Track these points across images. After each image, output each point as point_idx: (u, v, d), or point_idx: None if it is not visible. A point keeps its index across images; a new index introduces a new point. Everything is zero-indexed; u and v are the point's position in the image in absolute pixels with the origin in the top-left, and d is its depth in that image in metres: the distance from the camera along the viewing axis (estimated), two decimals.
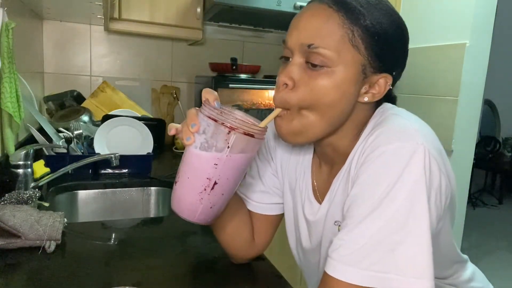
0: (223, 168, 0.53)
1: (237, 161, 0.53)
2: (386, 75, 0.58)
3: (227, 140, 0.51)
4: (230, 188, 0.56)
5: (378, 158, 0.52)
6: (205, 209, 0.55)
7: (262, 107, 1.91)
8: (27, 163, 1.03)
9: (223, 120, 0.51)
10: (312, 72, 0.56)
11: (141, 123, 1.47)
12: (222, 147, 0.51)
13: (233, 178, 0.55)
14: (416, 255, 0.49)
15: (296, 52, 0.57)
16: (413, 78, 1.86)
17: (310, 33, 0.55)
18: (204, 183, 0.53)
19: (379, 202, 0.50)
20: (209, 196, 0.54)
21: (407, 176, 0.50)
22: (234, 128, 0.51)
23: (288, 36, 0.58)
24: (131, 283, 0.67)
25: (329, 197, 0.65)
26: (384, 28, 0.56)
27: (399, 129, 0.54)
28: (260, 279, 0.74)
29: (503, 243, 3.33)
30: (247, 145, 0.53)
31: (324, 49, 0.54)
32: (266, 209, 0.76)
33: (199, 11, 1.69)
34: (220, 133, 0.51)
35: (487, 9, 1.68)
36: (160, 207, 1.35)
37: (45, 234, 0.77)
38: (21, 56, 1.36)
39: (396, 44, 0.59)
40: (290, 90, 0.57)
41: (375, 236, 0.50)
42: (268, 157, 0.77)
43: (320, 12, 0.56)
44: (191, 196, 0.54)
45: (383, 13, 0.56)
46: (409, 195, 0.49)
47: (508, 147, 4.44)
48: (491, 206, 4.33)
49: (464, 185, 1.80)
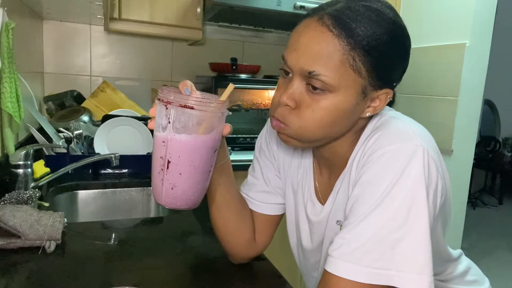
0: (171, 144, 0.53)
1: (184, 136, 0.53)
2: (387, 91, 0.59)
3: (167, 115, 0.53)
4: (188, 167, 0.55)
5: (379, 159, 0.54)
6: (168, 191, 0.56)
7: (262, 107, 1.91)
8: (27, 163, 1.03)
9: (161, 97, 0.53)
10: (313, 95, 0.56)
11: (141, 123, 1.47)
12: (165, 123, 0.53)
13: (187, 155, 0.54)
14: (416, 252, 0.51)
15: (296, 73, 0.57)
16: (413, 78, 1.86)
17: (310, 58, 0.54)
18: (160, 162, 0.55)
19: (380, 201, 0.52)
20: (167, 175, 0.55)
21: (407, 176, 0.51)
22: (170, 102, 0.52)
23: (288, 54, 0.58)
24: (131, 283, 0.67)
25: (331, 198, 0.67)
26: (386, 46, 0.55)
27: (399, 131, 0.55)
28: (260, 279, 0.74)
29: (503, 243, 3.33)
30: (191, 119, 0.53)
31: (325, 76, 0.54)
32: (269, 209, 0.77)
33: (199, 11, 1.69)
34: (162, 110, 0.53)
35: (487, 9, 1.68)
36: (160, 207, 1.35)
37: (45, 234, 0.77)
38: (21, 56, 1.36)
39: (397, 59, 0.58)
40: (292, 110, 0.58)
41: (376, 234, 0.51)
42: (272, 158, 0.78)
43: (320, 36, 0.54)
44: (154, 177, 0.57)
45: (384, 28, 0.54)
46: (409, 194, 0.51)
47: (508, 147, 4.44)
48: (491, 206, 4.33)
49: (464, 185, 1.80)
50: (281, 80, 0.62)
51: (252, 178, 0.78)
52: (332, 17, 0.54)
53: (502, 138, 4.50)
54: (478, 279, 0.78)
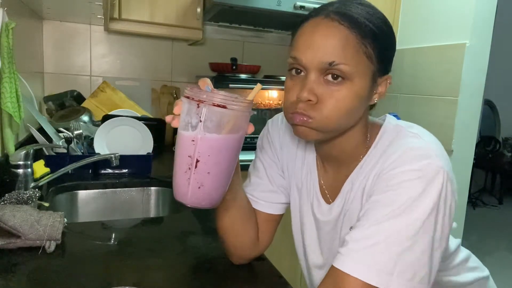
0: (201, 143, 0.53)
1: (215, 136, 0.53)
2: (387, 76, 0.64)
3: (198, 114, 0.52)
4: (216, 166, 0.55)
5: (401, 176, 0.56)
6: (194, 190, 0.55)
7: (262, 107, 1.91)
8: (27, 163, 1.03)
9: (193, 95, 0.52)
10: (333, 85, 0.59)
11: (141, 123, 1.47)
12: (196, 122, 0.53)
13: (216, 155, 0.54)
14: (419, 263, 0.54)
15: (313, 69, 0.59)
16: (413, 78, 1.86)
17: (328, 51, 0.58)
18: (187, 161, 0.54)
19: (396, 213, 0.55)
20: (195, 175, 0.54)
21: (426, 196, 0.55)
22: (203, 101, 0.51)
23: (301, 54, 0.60)
24: (131, 283, 0.67)
25: (340, 199, 0.68)
26: (386, 34, 0.62)
27: (420, 149, 0.58)
28: (260, 279, 0.74)
29: (503, 243, 3.33)
30: (223, 118, 0.53)
31: (345, 65, 0.57)
32: (273, 209, 0.78)
33: (199, 11, 1.69)
34: (193, 108, 0.52)
35: (487, 9, 1.68)
36: (160, 207, 1.35)
37: (45, 234, 0.77)
38: (21, 56, 1.36)
39: (393, 45, 0.65)
40: (314, 104, 0.59)
41: (385, 240, 0.54)
42: (275, 158, 0.78)
43: (333, 30, 0.58)
44: (180, 176, 0.55)
45: (381, 20, 0.61)
46: (425, 211, 0.55)
47: (508, 147, 4.44)
48: (491, 206, 4.33)
49: (464, 185, 1.80)
50: (290, 81, 0.63)
51: (256, 178, 0.79)
52: (337, 14, 0.59)
53: (502, 138, 4.50)
54: (479, 266, 0.81)
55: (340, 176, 0.69)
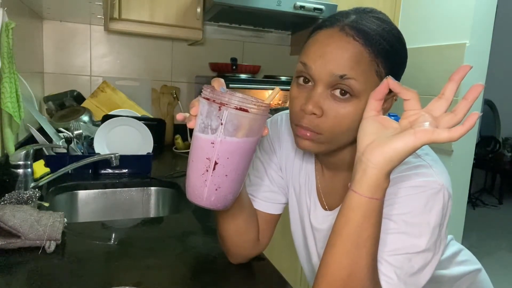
0: (221, 146, 0.52)
1: (235, 139, 0.53)
2: (393, 93, 0.62)
3: (220, 116, 0.52)
4: (234, 169, 0.55)
5: (406, 189, 0.57)
6: (211, 192, 0.55)
7: None
8: (27, 163, 1.03)
9: (214, 98, 0.52)
10: (340, 101, 0.58)
11: (141, 123, 1.47)
12: (216, 124, 0.52)
13: (235, 157, 0.54)
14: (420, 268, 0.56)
15: (321, 81, 0.58)
16: (413, 78, 1.86)
17: (340, 64, 0.57)
18: (205, 163, 0.54)
19: (401, 228, 0.56)
20: (212, 177, 0.54)
21: (430, 210, 0.56)
22: (224, 104, 0.51)
23: (312, 62, 0.59)
24: (131, 283, 0.67)
25: None
26: (399, 52, 0.61)
27: (422, 167, 0.59)
28: (260, 279, 0.74)
29: (503, 243, 3.33)
30: (243, 121, 0.53)
31: (355, 81, 0.56)
32: (274, 208, 0.78)
33: (199, 11, 1.69)
34: (213, 110, 0.52)
35: (487, 9, 1.68)
36: (160, 207, 1.35)
37: (45, 234, 0.77)
38: (21, 56, 1.36)
39: (404, 64, 0.64)
40: (318, 118, 0.59)
41: (391, 246, 0.56)
42: (274, 159, 0.79)
43: (347, 45, 0.57)
44: (196, 178, 0.55)
45: (395, 37, 0.60)
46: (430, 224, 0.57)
47: (508, 147, 4.44)
48: (491, 206, 4.33)
49: (464, 185, 1.80)
50: (296, 89, 0.62)
51: (256, 178, 0.79)
52: (352, 28, 0.58)
53: (502, 138, 4.50)
54: (469, 259, 0.82)
55: (336, 181, 0.70)
